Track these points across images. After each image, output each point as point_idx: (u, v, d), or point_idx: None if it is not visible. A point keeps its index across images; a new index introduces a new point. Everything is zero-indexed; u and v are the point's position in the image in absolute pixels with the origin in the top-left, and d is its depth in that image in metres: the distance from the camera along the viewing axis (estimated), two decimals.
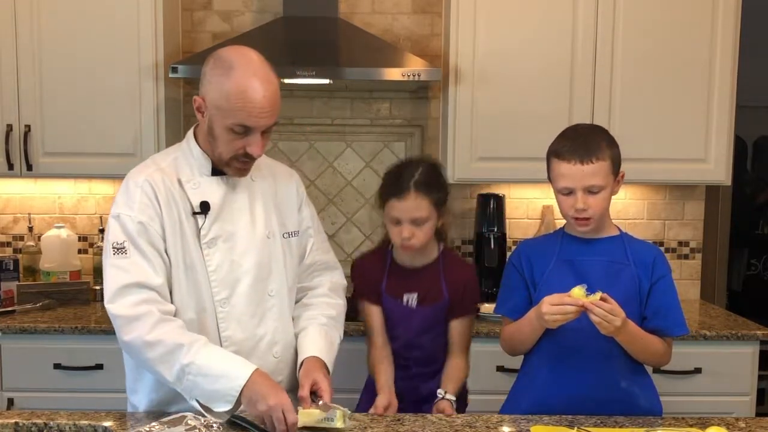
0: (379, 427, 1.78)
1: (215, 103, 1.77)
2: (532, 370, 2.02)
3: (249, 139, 1.79)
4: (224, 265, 1.86)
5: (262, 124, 1.78)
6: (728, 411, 2.71)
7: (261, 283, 1.91)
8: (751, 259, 5.31)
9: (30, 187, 3.37)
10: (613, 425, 1.82)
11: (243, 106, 1.74)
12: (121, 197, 1.85)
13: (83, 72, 2.98)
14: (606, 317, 1.75)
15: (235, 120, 1.76)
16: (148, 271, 1.79)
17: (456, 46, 3.03)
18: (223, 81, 1.76)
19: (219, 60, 1.80)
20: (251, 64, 1.78)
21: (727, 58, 3.04)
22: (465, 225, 3.44)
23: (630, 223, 3.38)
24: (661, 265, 1.95)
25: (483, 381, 2.82)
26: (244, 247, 1.89)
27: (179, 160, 1.91)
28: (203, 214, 1.85)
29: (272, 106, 1.78)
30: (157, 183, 1.84)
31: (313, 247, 2.08)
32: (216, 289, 1.86)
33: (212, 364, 1.73)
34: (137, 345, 1.77)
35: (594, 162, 1.87)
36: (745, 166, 5.34)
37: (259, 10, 3.35)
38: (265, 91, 1.76)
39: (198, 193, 1.86)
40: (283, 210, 2.00)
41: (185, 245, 1.84)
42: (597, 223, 1.91)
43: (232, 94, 1.74)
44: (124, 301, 1.77)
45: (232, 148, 1.80)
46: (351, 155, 3.40)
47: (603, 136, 1.95)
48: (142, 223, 1.80)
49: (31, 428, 1.75)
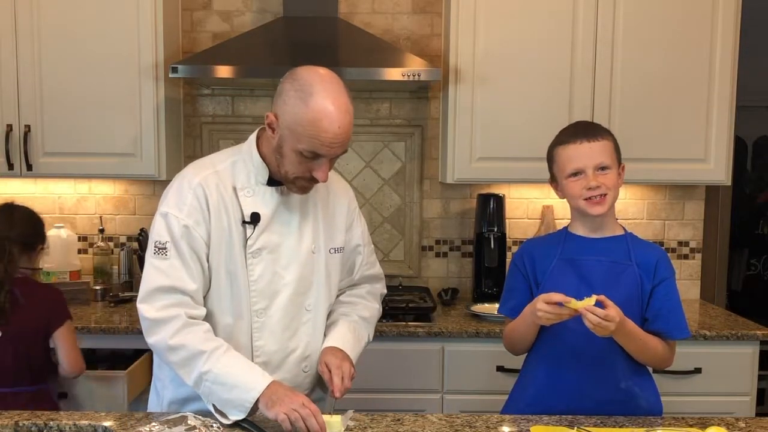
0: (378, 427, 1.78)
1: (289, 125, 1.74)
2: (531, 371, 2.02)
3: (316, 164, 1.77)
4: (266, 275, 1.86)
5: (333, 153, 1.76)
6: (728, 411, 2.71)
7: (299, 297, 1.90)
8: (751, 259, 5.31)
9: (30, 187, 3.37)
10: (613, 425, 1.81)
11: (317, 135, 1.71)
12: (172, 196, 1.84)
13: (83, 72, 2.98)
14: (600, 324, 1.74)
15: (307, 147, 1.73)
16: (184, 275, 1.79)
17: (456, 46, 3.03)
18: (300, 105, 1.71)
19: (298, 81, 1.74)
20: (331, 92, 1.72)
21: (727, 59, 3.04)
22: (465, 225, 3.44)
23: (630, 223, 3.38)
24: (665, 267, 1.94)
25: (483, 381, 2.82)
26: (288, 259, 1.88)
27: (237, 164, 1.88)
28: (253, 224, 1.84)
29: (346, 136, 1.75)
30: (210, 188, 1.83)
31: (362, 264, 2.09)
32: (255, 299, 1.85)
33: (230, 373, 1.74)
34: (161, 348, 1.79)
35: (599, 140, 1.90)
36: (745, 166, 5.34)
37: (259, 10, 3.35)
38: (341, 122, 1.72)
39: (251, 203, 1.85)
40: (333, 225, 1.98)
41: (230, 252, 1.83)
42: (610, 205, 1.90)
43: (307, 121, 1.71)
44: (155, 304, 1.78)
45: (299, 170, 1.79)
46: (351, 155, 3.40)
47: (602, 126, 2.02)
48: (187, 226, 1.80)
49: (31, 428, 1.75)
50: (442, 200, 3.44)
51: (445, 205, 3.44)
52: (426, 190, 3.43)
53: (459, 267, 3.46)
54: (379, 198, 3.43)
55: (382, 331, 2.85)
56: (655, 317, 1.91)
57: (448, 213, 3.45)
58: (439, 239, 3.46)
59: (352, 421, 1.80)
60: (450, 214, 3.45)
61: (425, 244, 3.46)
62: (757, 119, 5.11)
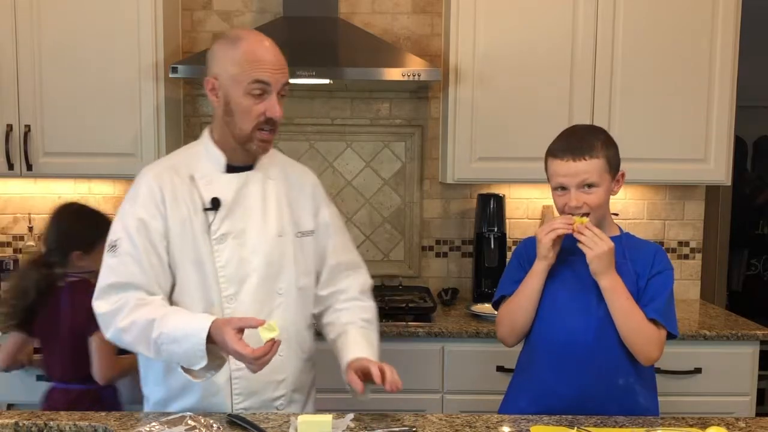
0: (378, 426, 1.78)
1: (229, 72, 1.82)
2: (530, 368, 2.02)
3: (268, 103, 1.82)
4: (233, 261, 1.87)
5: (278, 79, 1.83)
6: (728, 411, 2.72)
7: (270, 281, 1.91)
8: (751, 259, 5.32)
9: (30, 187, 3.37)
10: (613, 425, 1.81)
11: (257, 63, 1.80)
12: (128, 194, 1.89)
13: (83, 72, 2.98)
14: (594, 239, 1.83)
15: (252, 77, 1.80)
16: (135, 270, 1.81)
17: (456, 46, 3.03)
18: (232, 49, 1.83)
19: (224, 38, 1.88)
20: (256, 33, 1.88)
21: (727, 59, 3.04)
22: (465, 225, 3.44)
23: (630, 223, 3.38)
24: (661, 261, 1.96)
25: (483, 381, 2.82)
26: (254, 244, 1.89)
27: (193, 157, 1.94)
28: (214, 210, 1.86)
29: (283, 63, 1.85)
30: (164, 180, 1.87)
31: (336, 248, 2.07)
32: (224, 285, 1.86)
33: (176, 327, 1.73)
34: (116, 336, 1.81)
35: (586, 159, 1.88)
36: (745, 166, 5.35)
37: (259, 10, 3.35)
38: (274, 50, 1.85)
39: (210, 189, 1.88)
40: (297, 209, 2.00)
41: (194, 242, 1.85)
42: (594, 223, 1.91)
43: (243, 56, 1.81)
44: (108, 300, 1.81)
45: (253, 116, 1.83)
46: (351, 155, 3.40)
47: (600, 136, 1.95)
48: (142, 219, 1.83)
49: (31, 428, 1.75)
50: (442, 200, 3.44)
51: (445, 205, 3.45)
52: (426, 190, 3.43)
53: (459, 267, 3.46)
54: (379, 198, 3.43)
55: (382, 331, 2.83)
56: (649, 302, 1.91)
57: (448, 213, 3.45)
58: (439, 239, 3.46)
59: (353, 421, 1.80)
60: (450, 214, 3.45)
61: (425, 244, 3.46)
62: (757, 119, 5.11)
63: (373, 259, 3.42)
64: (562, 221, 1.90)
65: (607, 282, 1.87)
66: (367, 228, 3.43)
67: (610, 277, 1.87)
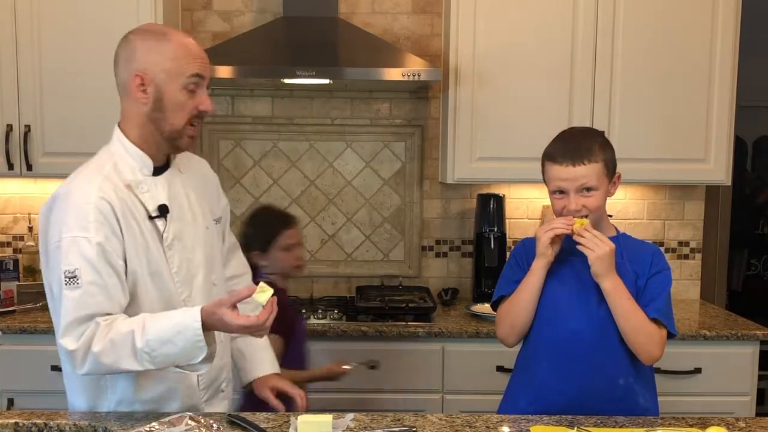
0: (378, 426, 1.78)
1: (162, 66, 1.79)
2: (530, 367, 2.02)
3: (199, 97, 1.83)
4: (183, 264, 1.87)
5: (208, 73, 1.85)
6: (728, 411, 2.72)
7: (209, 275, 1.93)
8: (751, 259, 5.32)
9: (30, 187, 3.37)
10: (613, 425, 1.81)
11: (192, 57, 1.80)
12: (71, 218, 1.73)
13: (83, 72, 2.98)
14: (594, 240, 1.84)
15: (191, 71, 1.79)
16: (101, 299, 1.73)
17: (456, 46, 3.03)
18: (164, 44, 1.80)
19: (141, 33, 1.84)
20: (172, 27, 1.90)
21: (727, 58, 3.04)
22: (465, 225, 3.44)
23: (630, 223, 3.38)
24: (659, 261, 1.97)
25: (483, 381, 2.82)
26: (192, 242, 1.90)
27: (119, 164, 1.85)
28: (163, 217, 1.84)
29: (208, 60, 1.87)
30: (110, 196, 1.77)
31: (228, 230, 2.15)
32: (180, 289, 1.86)
33: (164, 328, 1.69)
34: (93, 364, 1.72)
35: (585, 164, 1.88)
36: (745, 166, 5.35)
37: (259, 10, 3.35)
38: (198, 44, 1.86)
39: (151, 197, 1.84)
40: (210, 197, 2.03)
41: (148, 253, 1.81)
42: (592, 225, 1.91)
43: (178, 50, 1.80)
44: (75, 335, 1.71)
45: (187, 112, 1.82)
46: (351, 155, 3.40)
47: (597, 139, 1.95)
48: (100, 243, 1.73)
49: (31, 428, 1.75)
50: (442, 200, 3.44)
51: (445, 205, 3.44)
52: (426, 190, 3.43)
53: (459, 267, 3.46)
54: (379, 198, 3.43)
55: (382, 331, 2.85)
56: (649, 301, 1.92)
57: (448, 213, 3.45)
58: (439, 239, 3.46)
59: (353, 422, 1.80)
60: (450, 214, 3.45)
61: (425, 244, 3.46)
62: (757, 119, 5.12)
63: (373, 259, 3.43)
64: (562, 221, 1.90)
65: (609, 284, 1.87)
66: (367, 228, 3.43)
67: (612, 279, 1.87)
